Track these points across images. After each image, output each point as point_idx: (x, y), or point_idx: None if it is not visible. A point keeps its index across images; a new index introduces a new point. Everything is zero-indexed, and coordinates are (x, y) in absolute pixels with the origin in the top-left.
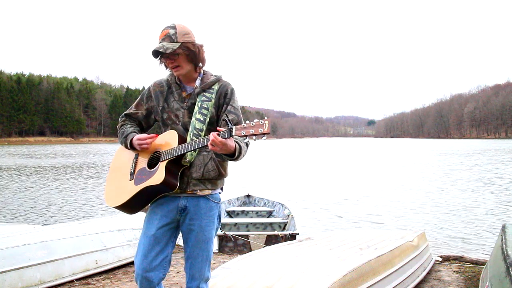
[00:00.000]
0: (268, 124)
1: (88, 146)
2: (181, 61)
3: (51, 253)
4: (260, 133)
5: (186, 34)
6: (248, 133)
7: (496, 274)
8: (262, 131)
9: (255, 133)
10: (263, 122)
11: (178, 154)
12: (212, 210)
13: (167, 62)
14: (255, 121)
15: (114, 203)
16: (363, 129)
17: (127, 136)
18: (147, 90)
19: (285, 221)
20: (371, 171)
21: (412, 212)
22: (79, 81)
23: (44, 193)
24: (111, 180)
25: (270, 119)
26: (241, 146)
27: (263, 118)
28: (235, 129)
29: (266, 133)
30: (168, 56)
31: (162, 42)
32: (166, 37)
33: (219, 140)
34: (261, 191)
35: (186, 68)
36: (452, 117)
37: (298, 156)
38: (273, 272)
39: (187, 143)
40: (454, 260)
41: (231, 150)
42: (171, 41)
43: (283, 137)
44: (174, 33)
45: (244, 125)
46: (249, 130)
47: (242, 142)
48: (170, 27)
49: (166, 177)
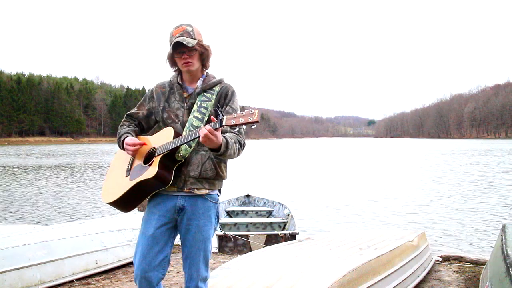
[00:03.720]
0: (257, 113)
1: (88, 146)
2: (195, 58)
3: (51, 253)
4: (249, 121)
5: (199, 34)
6: (238, 122)
7: (496, 274)
8: (252, 119)
9: (245, 121)
10: (252, 111)
11: (172, 148)
12: (210, 210)
13: (182, 57)
14: (246, 110)
15: (108, 198)
16: (363, 129)
17: (120, 137)
18: (150, 91)
19: (285, 221)
20: (371, 171)
21: (412, 212)
22: (79, 81)
23: (44, 193)
24: (108, 177)
25: (260, 110)
26: (228, 141)
27: (253, 108)
28: (225, 118)
29: (256, 121)
30: (185, 51)
31: (181, 36)
32: (184, 33)
33: (209, 129)
34: (261, 191)
35: (196, 65)
36: (452, 117)
37: (298, 156)
38: (273, 272)
39: (180, 137)
40: (454, 260)
41: (218, 143)
42: (189, 37)
43: (283, 137)
44: (192, 30)
45: (235, 115)
46: (239, 119)
47: (233, 139)
48: (186, 25)
49: (159, 170)
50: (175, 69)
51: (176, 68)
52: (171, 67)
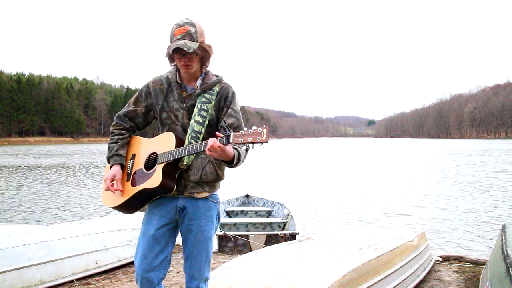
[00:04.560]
0: (266, 133)
1: (88, 146)
2: (194, 61)
3: (51, 253)
4: (258, 141)
5: (202, 34)
6: (246, 141)
7: (496, 274)
8: (260, 139)
9: (253, 141)
10: (261, 130)
11: (175, 158)
12: (211, 210)
13: (181, 60)
14: (253, 128)
15: (111, 204)
16: (363, 129)
17: (109, 159)
18: (146, 86)
19: (284, 221)
20: (371, 171)
21: (412, 212)
22: (79, 81)
23: (44, 193)
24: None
25: (269, 127)
26: (239, 153)
27: (261, 126)
28: (232, 136)
29: (264, 141)
30: (185, 54)
31: (183, 39)
32: (187, 35)
33: (218, 145)
34: (260, 191)
35: (195, 67)
36: (452, 117)
37: (298, 156)
38: (273, 272)
39: (185, 147)
40: (454, 260)
41: (230, 157)
42: (191, 39)
43: (283, 137)
44: (195, 32)
45: (242, 132)
46: (247, 138)
47: (242, 148)
48: (190, 24)
49: (163, 180)
50: (173, 65)
51: (174, 63)
52: (170, 64)
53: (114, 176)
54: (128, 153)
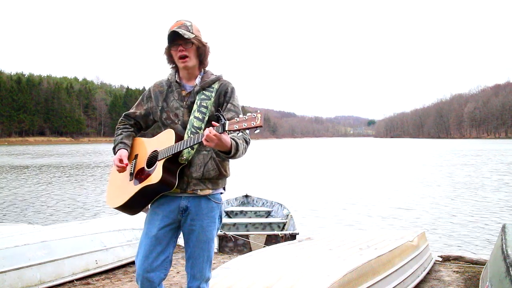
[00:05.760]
0: (260, 117)
1: (88, 146)
2: (191, 53)
3: (51, 253)
4: (252, 126)
5: (198, 31)
6: (241, 127)
7: (496, 274)
8: (255, 124)
9: (248, 126)
10: (255, 115)
11: (175, 152)
12: (213, 211)
13: (178, 50)
14: (248, 114)
15: (114, 203)
16: (363, 129)
17: (115, 146)
18: (148, 90)
19: (284, 221)
20: (371, 171)
21: (412, 212)
22: (79, 81)
23: (44, 193)
24: (112, 181)
25: (263, 112)
26: (237, 143)
27: (255, 112)
28: (228, 123)
29: (259, 126)
30: (181, 43)
31: (179, 28)
32: (182, 26)
33: (214, 134)
34: (260, 191)
35: (193, 61)
36: (452, 117)
37: (298, 156)
38: (273, 272)
39: (184, 141)
40: (454, 260)
41: (227, 146)
42: (187, 30)
43: (283, 137)
44: (190, 25)
45: (237, 119)
46: (242, 124)
47: (240, 139)
48: (185, 20)
49: (163, 175)
50: (172, 66)
51: (174, 65)
52: (168, 63)
53: (121, 156)
54: (131, 154)
